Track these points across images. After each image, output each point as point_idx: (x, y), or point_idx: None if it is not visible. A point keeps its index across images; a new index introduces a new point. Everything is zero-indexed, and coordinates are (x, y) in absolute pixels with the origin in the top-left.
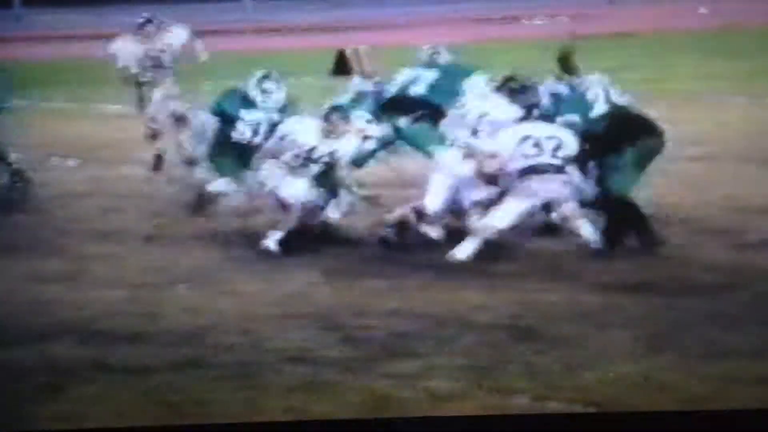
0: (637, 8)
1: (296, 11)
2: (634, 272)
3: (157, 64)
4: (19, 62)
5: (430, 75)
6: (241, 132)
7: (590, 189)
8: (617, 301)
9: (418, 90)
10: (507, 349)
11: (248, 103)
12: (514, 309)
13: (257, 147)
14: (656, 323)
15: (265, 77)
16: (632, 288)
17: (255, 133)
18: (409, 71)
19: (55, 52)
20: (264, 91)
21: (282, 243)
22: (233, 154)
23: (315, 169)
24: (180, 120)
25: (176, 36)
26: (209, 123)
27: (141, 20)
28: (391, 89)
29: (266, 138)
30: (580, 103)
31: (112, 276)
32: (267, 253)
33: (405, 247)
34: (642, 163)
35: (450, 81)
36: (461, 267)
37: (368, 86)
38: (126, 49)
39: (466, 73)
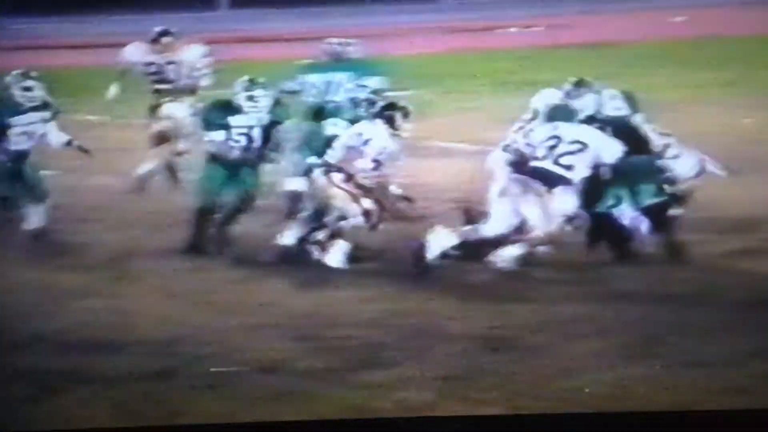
0: (613, 17)
1: (275, 21)
2: (607, 282)
3: (166, 78)
4: None
5: (344, 80)
6: (235, 140)
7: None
8: (590, 311)
9: (336, 98)
10: (481, 359)
11: (235, 110)
12: (488, 319)
13: (256, 152)
14: (629, 333)
15: (251, 83)
16: (605, 298)
17: (250, 139)
18: (318, 77)
19: (30, 62)
20: (251, 98)
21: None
22: (229, 164)
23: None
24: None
25: (195, 51)
26: (201, 137)
27: (156, 32)
28: (309, 97)
29: (264, 142)
30: (567, 112)
31: (86, 286)
32: (240, 263)
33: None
34: (631, 179)
35: (359, 79)
36: (435, 277)
37: (362, 93)
38: (139, 56)
39: (373, 70)
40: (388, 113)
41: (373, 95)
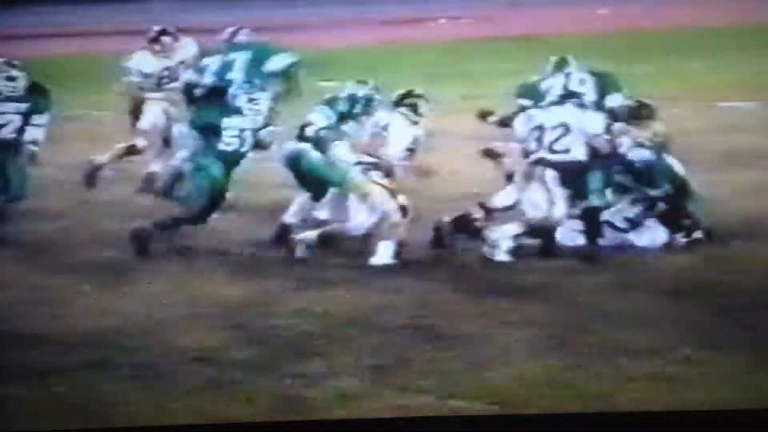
0: (539, 11)
1: (204, 12)
2: (534, 273)
3: (173, 79)
4: None
5: (242, 58)
6: (227, 143)
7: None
8: (519, 302)
9: (234, 76)
10: (411, 348)
11: (230, 111)
12: (418, 309)
13: (242, 156)
14: (557, 323)
15: (248, 83)
16: (533, 289)
17: (242, 142)
18: (217, 58)
19: None
20: (252, 100)
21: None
22: (216, 165)
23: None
24: (167, 142)
25: (189, 48)
26: (190, 138)
27: (155, 32)
28: (207, 79)
29: (253, 147)
30: (534, 92)
31: (17, 277)
32: (176, 253)
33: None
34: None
35: (259, 63)
36: (366, 267)
37: (363, 89)
38: (143, 64)
39: (270, 53)
40: (411, 101)
41: (373, 92)
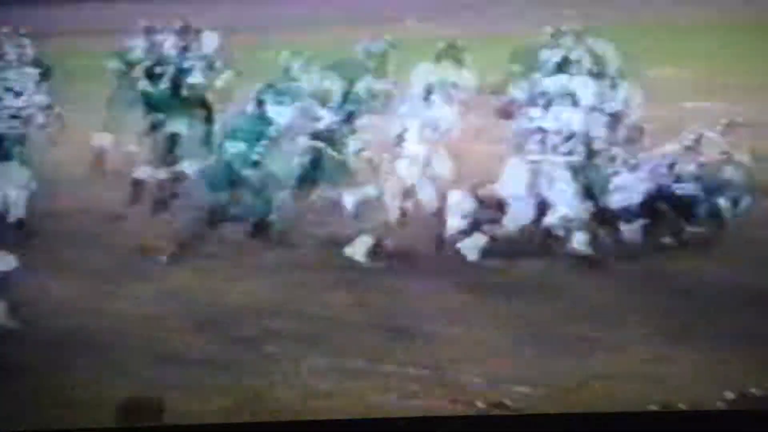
0: (502, 11)
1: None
2: (499, 272)
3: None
4: None
5: (198, 62)
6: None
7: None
8: (485, 301)
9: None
10: (378, 347)
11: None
12: (386, 308)
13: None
14: (522, 322)
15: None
16: (499, 288)
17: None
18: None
19: None
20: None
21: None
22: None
23: None
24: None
25: (209, 42)
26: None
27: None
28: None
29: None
30: (531, 58)
31: None
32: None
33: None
34: None
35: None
36: (333, 266)
37: (382, 83)
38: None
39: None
40: (453, 52)
41: (391, 86)
